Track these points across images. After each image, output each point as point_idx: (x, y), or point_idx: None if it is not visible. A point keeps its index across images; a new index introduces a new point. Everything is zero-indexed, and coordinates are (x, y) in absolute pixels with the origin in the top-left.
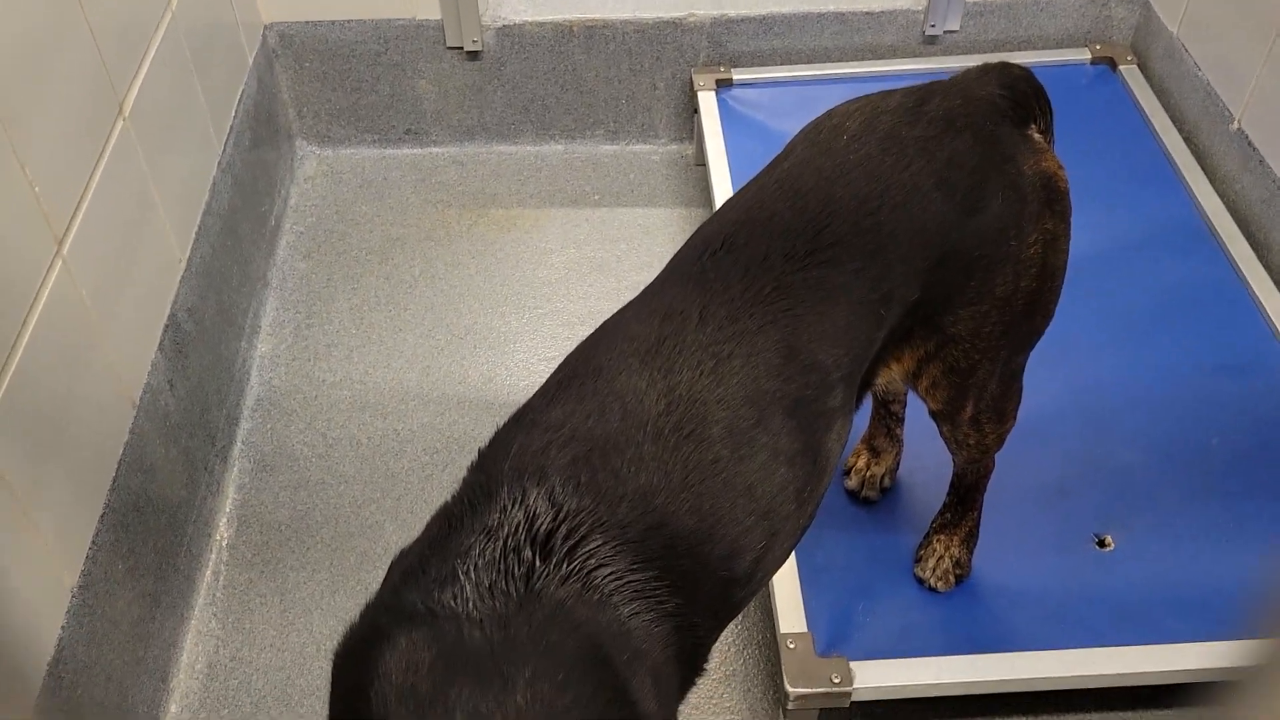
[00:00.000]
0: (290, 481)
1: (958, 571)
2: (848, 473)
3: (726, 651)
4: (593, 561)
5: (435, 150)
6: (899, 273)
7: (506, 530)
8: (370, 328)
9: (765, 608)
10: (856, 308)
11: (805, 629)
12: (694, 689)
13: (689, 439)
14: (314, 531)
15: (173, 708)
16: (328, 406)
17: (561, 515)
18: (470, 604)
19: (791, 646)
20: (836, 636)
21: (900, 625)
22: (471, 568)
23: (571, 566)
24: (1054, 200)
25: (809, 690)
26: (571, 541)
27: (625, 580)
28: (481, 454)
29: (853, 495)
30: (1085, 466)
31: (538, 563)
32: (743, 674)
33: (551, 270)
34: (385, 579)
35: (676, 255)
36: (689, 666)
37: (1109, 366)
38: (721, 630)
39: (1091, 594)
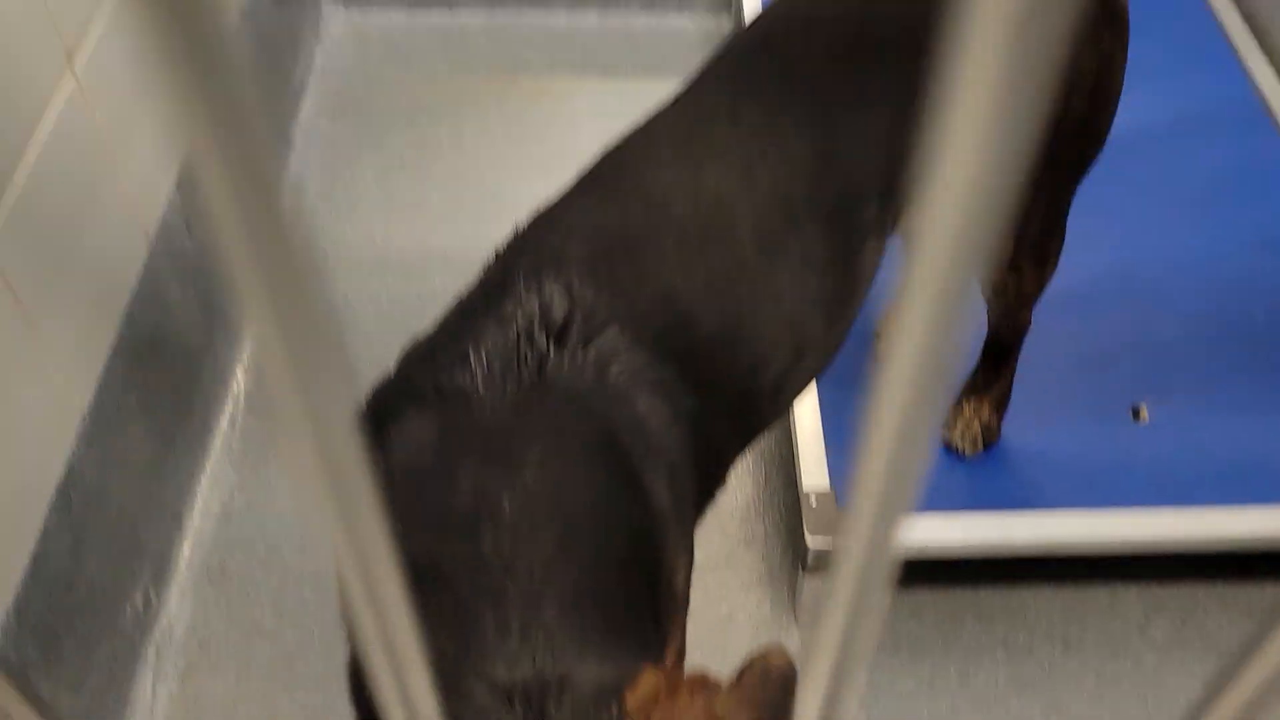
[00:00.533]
0: None
1: (987, 436)
2: (878, 333)
3: (746, 514)
4: (608, 353)
5: (465, 17)
6: None
7: (521, 319)
8: (395, 190)
9: (787, 472)
10: (896, 117)
11: (828, 485)
12: (707, 557)
13: (715, 240)
14: None
15: (186, 549)
16: (348, 265)
17: (578, 306)
18: (480, 387)
19: (814, 503)
20: None
21: (926, 485)
22: (484, 353)
23: (586, 357)
24: (1114, 20)
25: (831, 545)
26: (587, 332)
27: (642, 375)
28: (498, 250)
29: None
30: (1125, 338)
31: (551, 351)
32: (762, 537)
33: (581, 140)
34: (397, 364)
35: (711, 56)
36: (708, 477)
37: (1154, 239)
38: (743, 449)
39: (1125, 463)
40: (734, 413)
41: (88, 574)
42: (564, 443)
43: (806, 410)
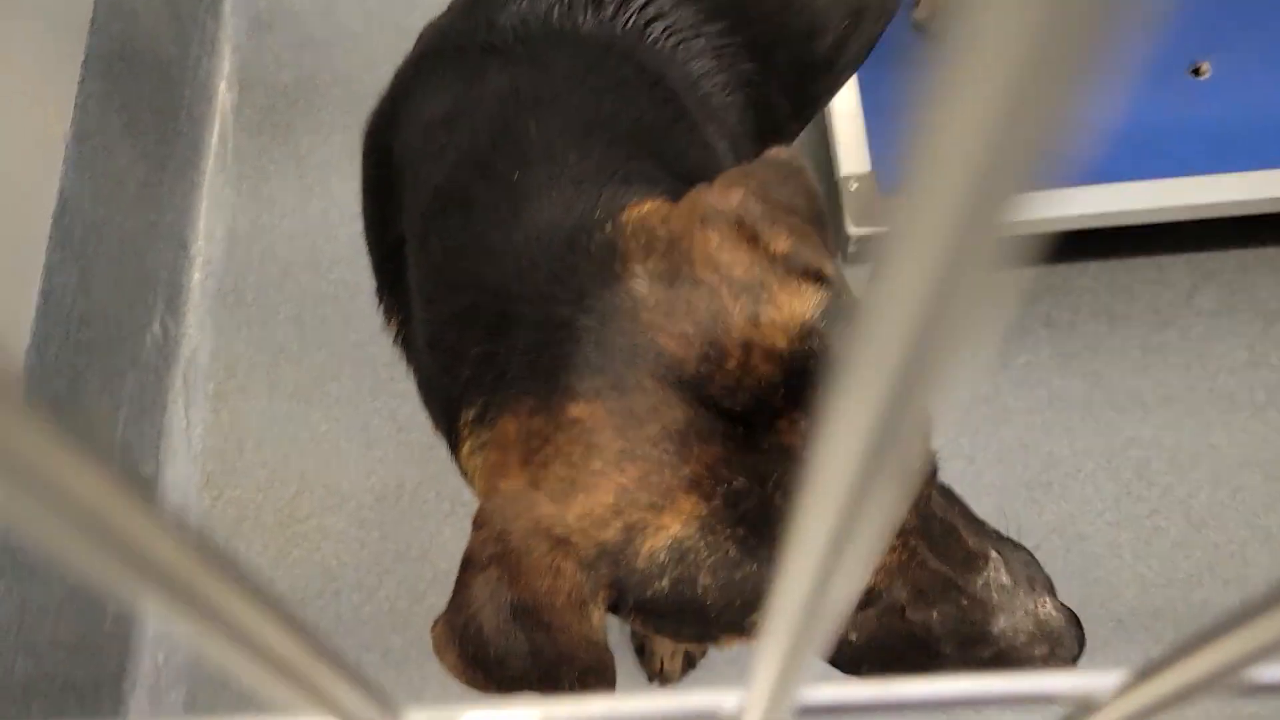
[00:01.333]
0: (292, 40)
1: None
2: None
3: None
4: (653, 11)
5: None
6: None
7: None
8: None
9: (821, 158)
10: None
11: (868, 168)
12: None
13: None
14: (323, 92)
15: (196, 275)
16: None
17: None
18: (510, 44)
19: (854, 187)
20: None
21: None
22: (511, 13)
23: (629, 13)
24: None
25: (873, 231)
26: None
27: (693, 33)
28: None
29: (921, 28)
30: None
31: (588, 9)
32: None
33: None
34: (417, 41)
35: None
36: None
37: None
38: (799, 128)
39: (1184, 125)
40: (790, 82)
41: (100, 307)
42: (616, 88)
43: (843, 89)
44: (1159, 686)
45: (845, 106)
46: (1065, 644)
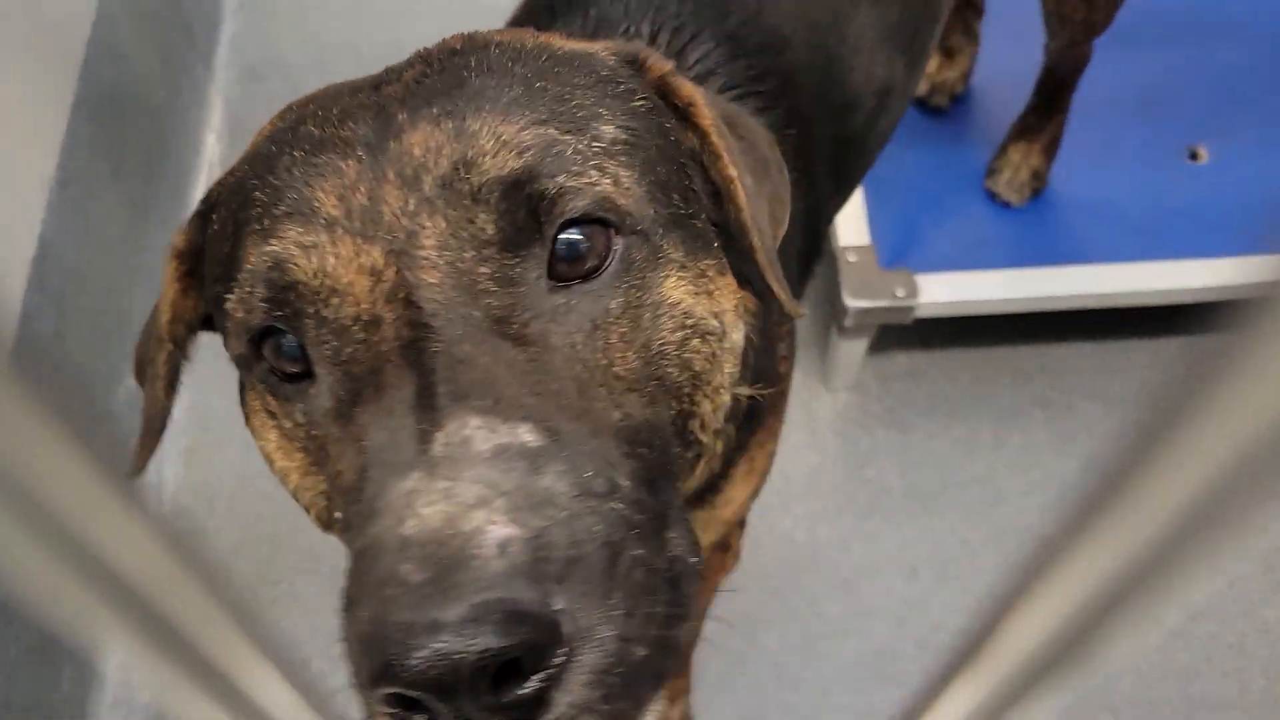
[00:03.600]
0: (283, 92)
1: (1035, 184)
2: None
3: None
4: (702, 67)
5: None
6: None
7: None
8: None
9: None
10: None
11: (868, 241)
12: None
13: None
14: None
15: None
16: (321, 7)
17: (664, 19)
18: None
19: (852, 259)
20: (900, 250)
21: (969, 240)
22: None
23: (687, 66)
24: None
25: (870, 304)
26: (680, 42)
27: (741, 90)
28: None
29: (921, 102)
30: (1182, 73)
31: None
32: None
33: None
34: None
35: None
36: (810, 234)
37: None
38: (838, 208)
39: (1180, 208)
40: (829, 157)
41: (74, 358)
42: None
43: None
44: None
45: None
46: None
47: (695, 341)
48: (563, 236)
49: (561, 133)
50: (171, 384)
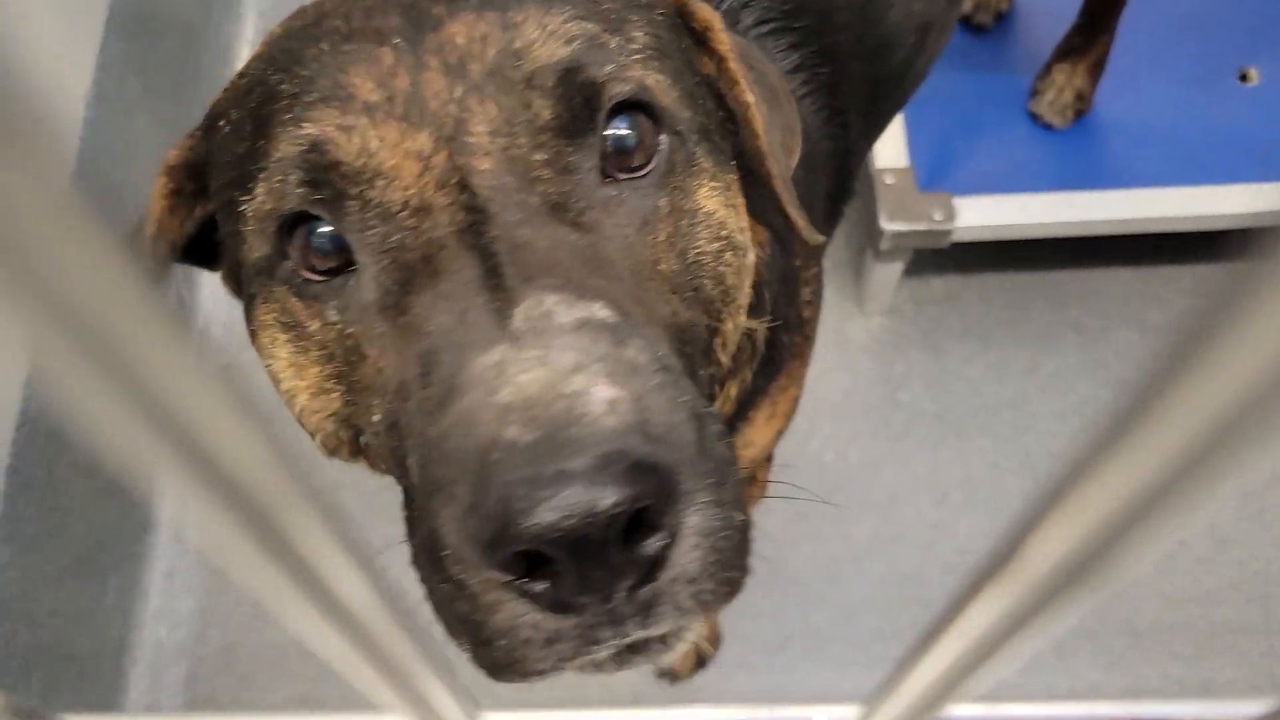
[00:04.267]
0: None
1: (1078, 106)
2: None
3: None
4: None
5: None
6: None
7: None
8: None
9: None
10: None
11: (906, 163)
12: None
13: None
14: None
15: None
16: None
17: None
18: None
19: (889, 182)
20: (939, 173)
21: (1009, 163)
22: None
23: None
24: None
25: (907, 227)
26: None
27: (776, 24)
28: None
29: (964, 20)
30: None
31: None
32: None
33: None
34: None
35: None
36: (839, 175)
37: None
38: (866, 148)
39: (1229, 132)
40: (864, 98)
41: None
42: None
43: None
44: None
45: None
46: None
47: (728, 255)
48: (611, 132)
49: (600, 30)
50: None
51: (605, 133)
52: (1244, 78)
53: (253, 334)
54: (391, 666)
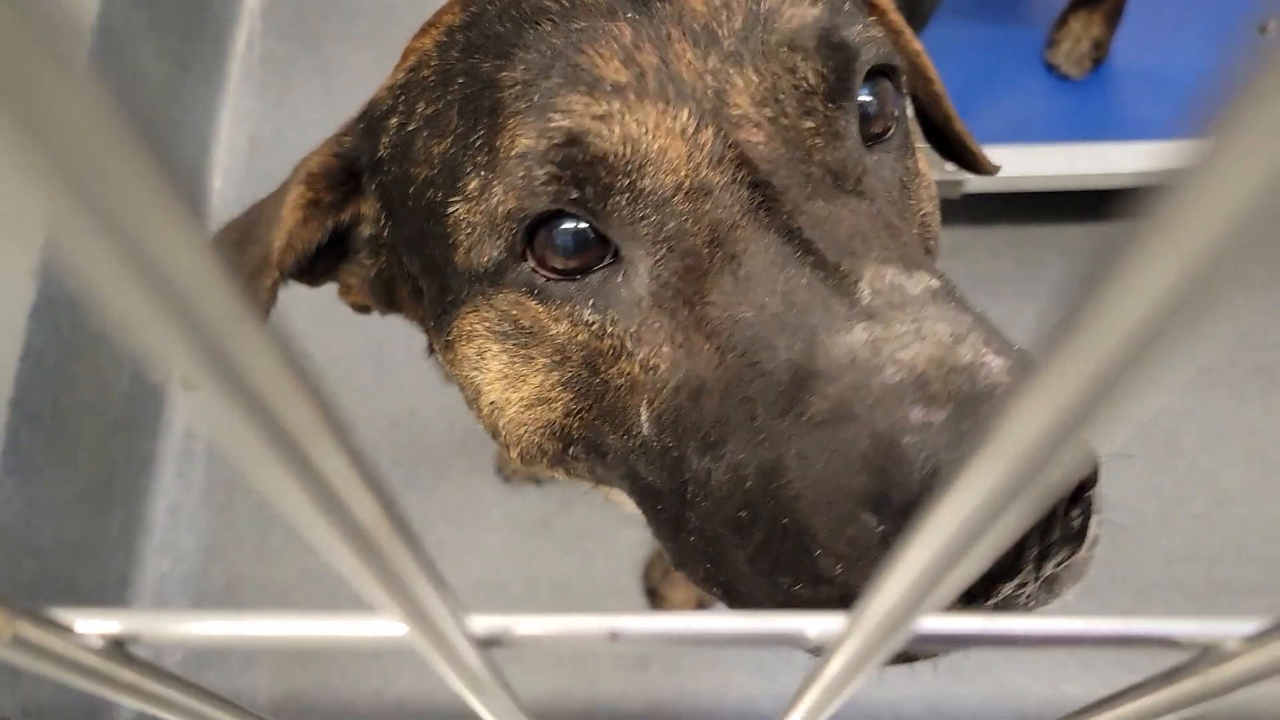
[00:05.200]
0: None
1: (1096, 55)
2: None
3: None
4: None
5: None
6: None
7: None
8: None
9: None
10: None
11: None
12: None
13: None
14: (355, 3)
15: (217, 182)
16: None
17: None
18: None
19: None
20: None
21: (1024, 113)
22: None
23: None
24: None
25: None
26: None
27: None
28: None
29: None
30: None
31: None
32: None
33: None
34: None
35: None
36: None
37: None
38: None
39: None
40: None
41: None
42: None
43: None
44: None
45: None
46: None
47: (937, 214)
48: (863, 98)
49: None
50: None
51: (861, 98)
52: (1263, 30)
53: (448, 345)
54: (390, 572)
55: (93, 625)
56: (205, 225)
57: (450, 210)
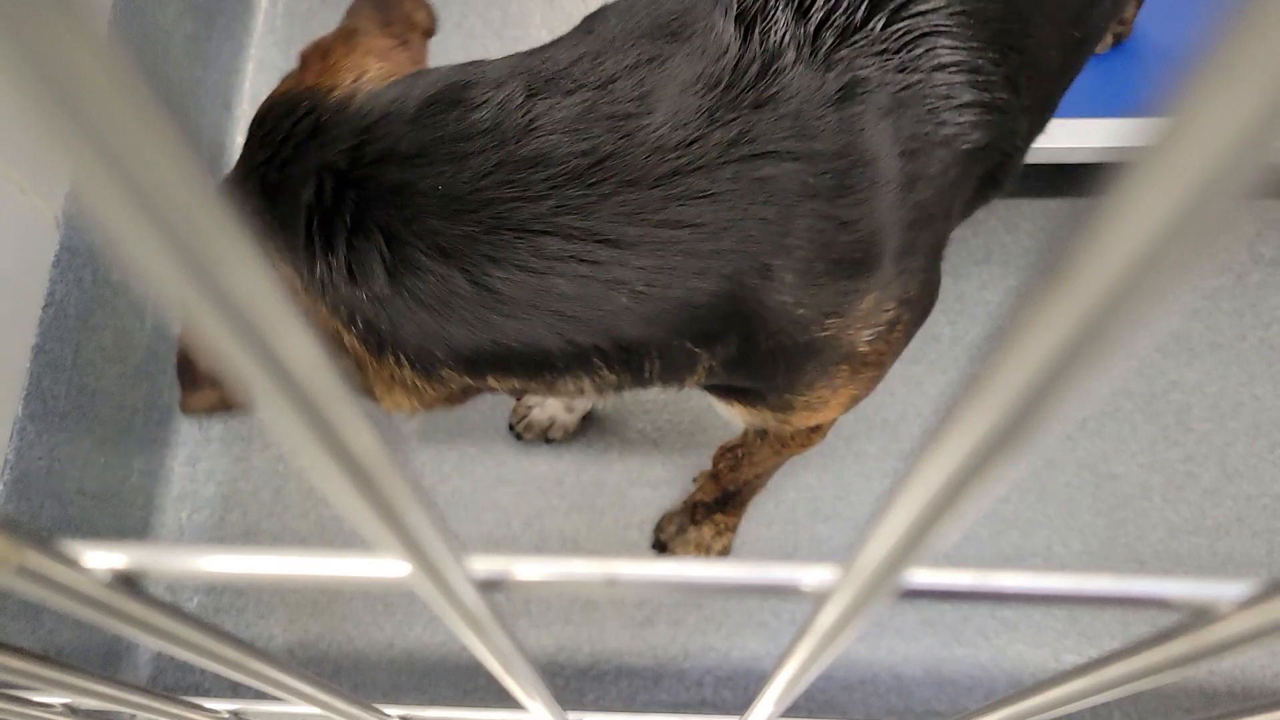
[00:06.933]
0: None
1: (1118, 30)
2: None
3: None
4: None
5: None
6: None
7: None
8: None
9: None
10: None
11: None
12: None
13: None
14: None
15: (239, 138)
16: None
17: None
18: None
19: None
20: None
21: None
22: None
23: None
24: None
25: None
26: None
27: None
28: None
29: None
30: None
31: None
32: None
33: None
34: None
35: None
36: (993, 182)
37: None
38: (1029, 145)
39: None
40: (1036, 101)
41: None
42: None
43: None
44: None
45: None
46: None
47: None
48: None
49: None
50: None
51: None
52: None
53: None
54: (391, 511)
55: (101, 559)
56: (216, 179)
57: None
